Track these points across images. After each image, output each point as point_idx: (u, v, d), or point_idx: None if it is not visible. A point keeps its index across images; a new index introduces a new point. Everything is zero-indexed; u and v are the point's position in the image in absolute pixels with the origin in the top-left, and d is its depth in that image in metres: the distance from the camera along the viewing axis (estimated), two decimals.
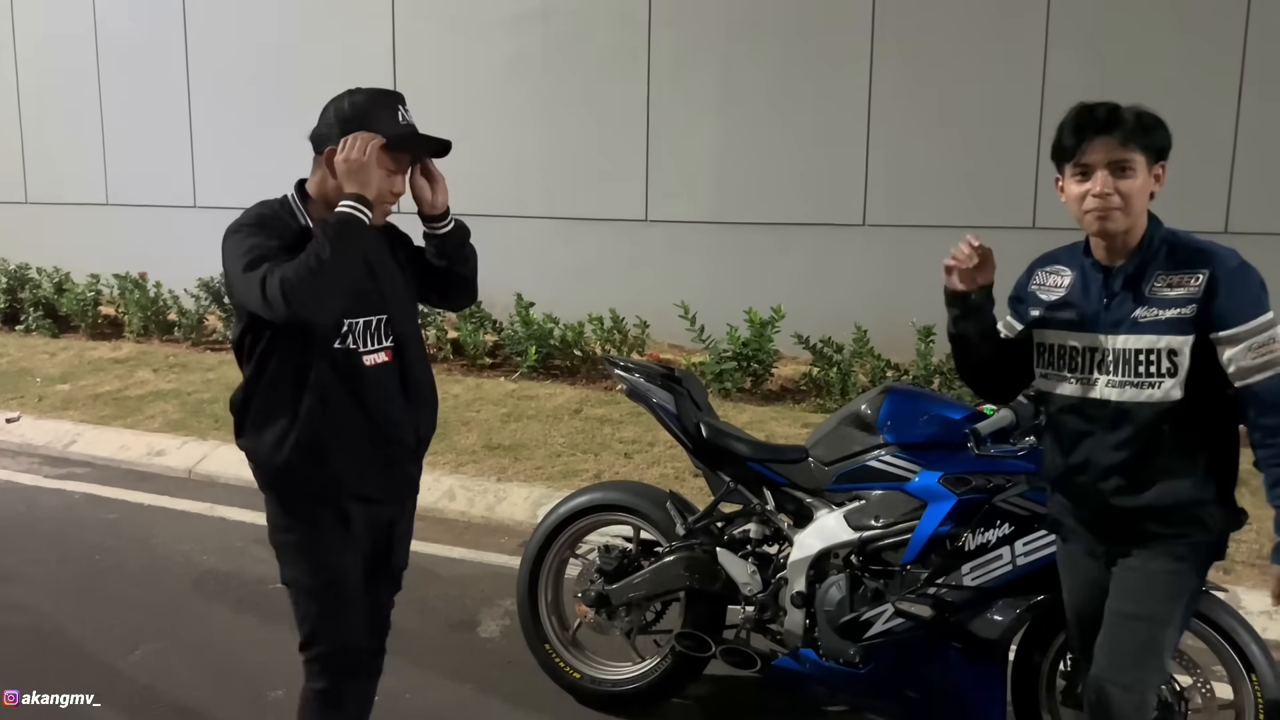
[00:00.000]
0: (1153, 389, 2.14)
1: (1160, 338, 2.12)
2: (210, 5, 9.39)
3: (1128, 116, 2.17)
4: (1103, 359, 2.19)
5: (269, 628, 3.84)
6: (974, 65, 7.04)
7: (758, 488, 3.10)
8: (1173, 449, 2.16)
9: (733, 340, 6.65)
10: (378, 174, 2.18)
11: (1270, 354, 2.08)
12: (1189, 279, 2.12)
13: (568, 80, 8.22)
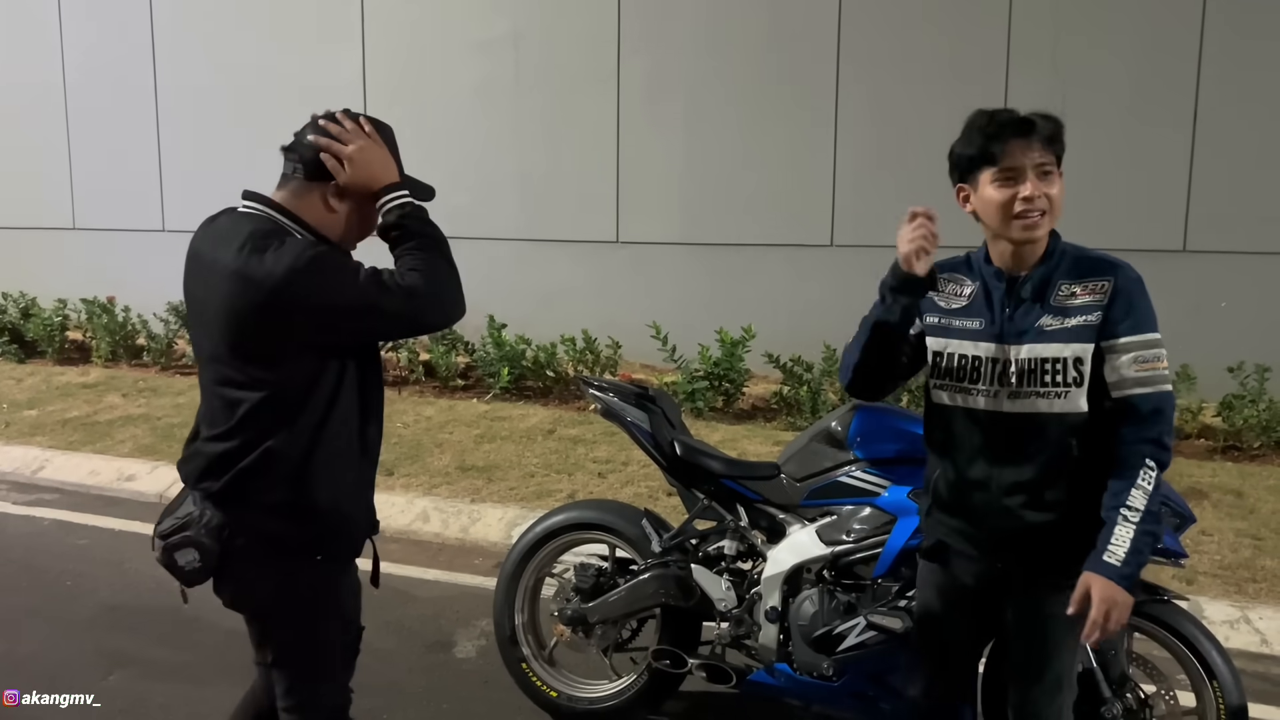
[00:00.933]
0: (1059, 399, 2.10)
1: (1066, 346, 2.09)
2: (179, 26, 9.39)
3: (1041, 121, 2.17)
4: (1005, 370, 2.13)
5: (241, 650, 3.81)
6: (937, 87, 7.18)
7: (731, 504, 3.14)
8: (1078, 463, 2.12)
9: (704, 360, 6.71)
10: (369, 219, 2.16)
11: (1153, 371, 2.08)
12: (1095, 286, 2.11)
13: (538, 103, 8.29)
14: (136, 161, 9.45)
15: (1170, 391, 2.11)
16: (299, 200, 2.08)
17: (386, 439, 6.37)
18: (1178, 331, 6.61)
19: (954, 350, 2.21)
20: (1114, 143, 6.89)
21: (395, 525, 5.27)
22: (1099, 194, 6.96)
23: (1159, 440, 2.06)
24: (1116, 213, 6.93)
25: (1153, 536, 2.03)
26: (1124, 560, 1.99)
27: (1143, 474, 2.03)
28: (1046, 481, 2.13)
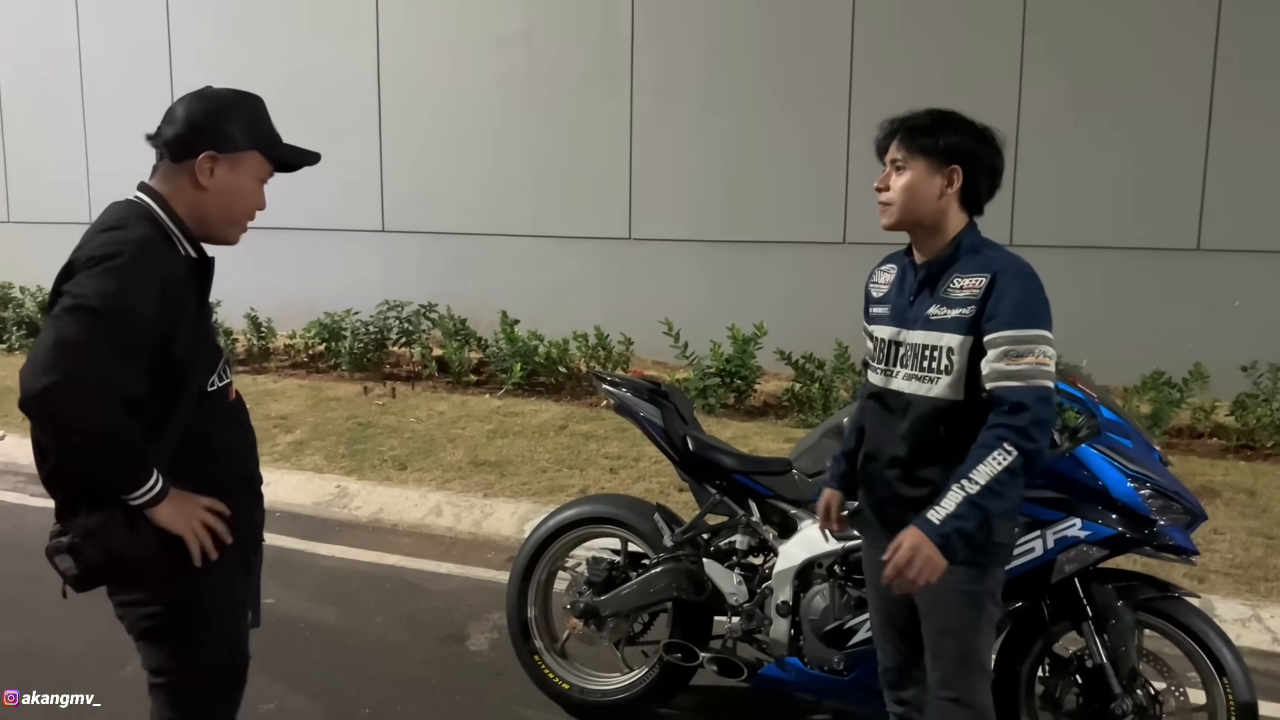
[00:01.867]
0: (930, 384, 2.23)
1: (943, 335, 2.21)
2: (194, 25, 9.44)
3: (914, 121, 2.33)
4: (899, 352, 2.30)
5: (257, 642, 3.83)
6: (951, 86, 7.17)
7: (743, 500, 3.16)
8: (945, 446, 2.21)
9: (716, 356, 6.72)
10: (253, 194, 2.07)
11: (1025, 366, 2.13)
12: (975, 281, 2.20)
13: (551, 100, 8.31)
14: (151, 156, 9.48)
15: (1041, 387, 2.13)
16: (169, 185, 1.99)
17: (399, 433, 6.46)
18: (1191, 330, 6.65)
19: (874, 333, 2.40)
20: (1128, 142, 6.88)
21: (408, 519, 5.31)
22: (1113, 194, 6.96)
23: (1020, 429, 2.10)
24: (1130, 212, 6.93)
25: (980, 509, 2.08)
26: (943, 520, 2.09)
27: (995, 454, 2.09)
28: (916, 459, 2.27)
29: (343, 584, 4.49)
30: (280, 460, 6.04)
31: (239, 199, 2.04)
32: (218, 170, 1.98)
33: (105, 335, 1.76)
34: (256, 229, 2.17)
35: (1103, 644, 2.67)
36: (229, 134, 1.99)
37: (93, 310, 1.76)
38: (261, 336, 8.27)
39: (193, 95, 2.03)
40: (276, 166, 2.10)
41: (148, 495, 1.86)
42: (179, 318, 1.89)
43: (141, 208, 1.97)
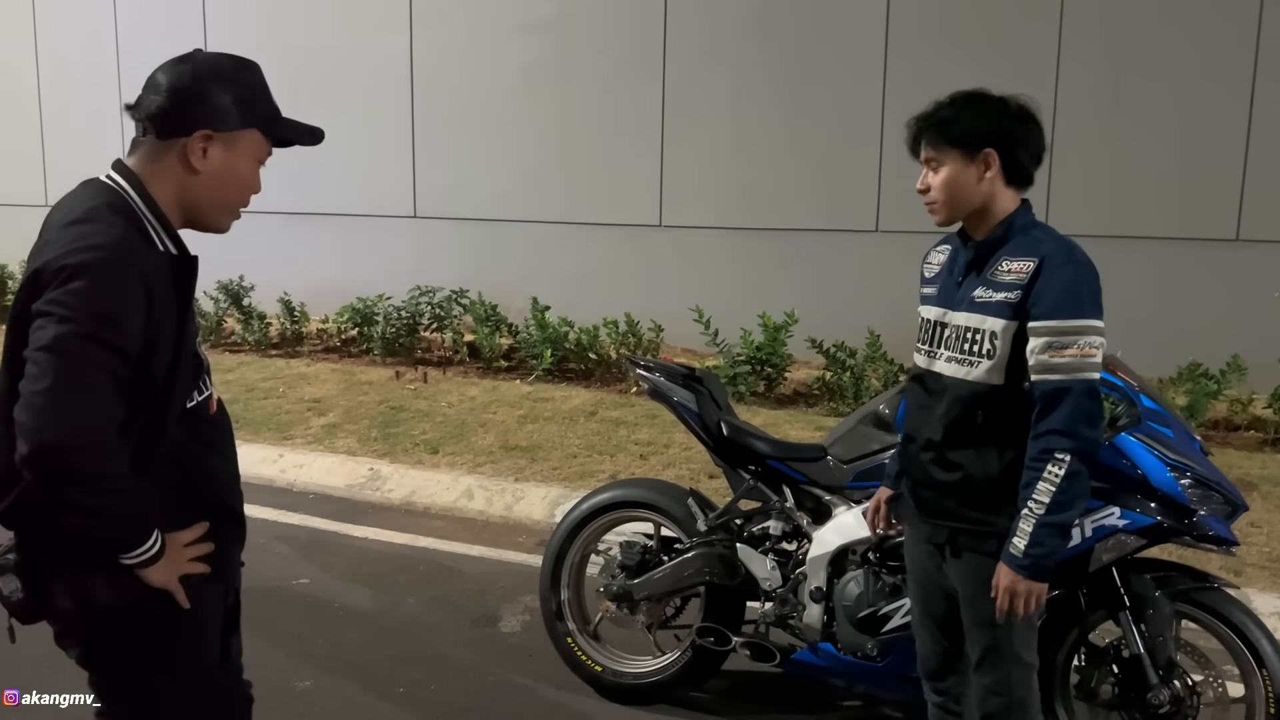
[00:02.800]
0: (971, 368, 2.19)
1: (987, 319, 2.17)
2: (229, 14, 9.51)
3: (936, 116, 2.30)
4: (944, 333, 2.27)
5: (293, 621, 3.92)
6: (987, 71, 7.08)
7: (777, 485, 3.17)
8: (982, 432, 2.20)
9: (746, 344, 6.72)
10: (250, 177, 1.82)
11: (1067, 358, 2.08)
12: (1023, 265, 2.15)
13: (583, 87, 8.31)
14: None
15: (1084, 380, 2.09)
16: (152, 166, 1.74)
17: (431, 418, 6.50)
18: (1229, 321, 6.57)
19: (922, 314, 2.38)
20: (1167, 130, 6.79)
21: (440, 502, 5.35)
22: (1151, 181, 6.87)
23: (1062, 430, 2.08)
24: (1168, 201, 6.84)
25: (1054, 527, 2.09)
26: (1024, 551, 2.10)
27: (1049, 468, 2.08)
28: (950, 443, 2.25)
29: (376, 565, 4.53)
30: (314, 443, 6.10)
31: (234, 184, 1.79)
32: (212, 151, 1.73)
33: (104, 364, 1.57)
34: (291, 214, 2.06)
35: (1140, 634, 2.65)
36: (227, 109, 1.73)
37: (86, 337, 1.55)
38: (295, 321, 8.34)
39: (181, 59, 1.75)
40: (275, 144, 1.84)
41: (144, 556, 1.68)
42: (160, 327, 1.66)
43: (114, 194, 1.71)
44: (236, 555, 1.94)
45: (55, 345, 1.54)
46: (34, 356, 1.56)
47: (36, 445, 1.54)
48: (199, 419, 1.83)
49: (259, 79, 1.81)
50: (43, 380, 1.54)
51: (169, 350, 1.69)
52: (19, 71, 10.57)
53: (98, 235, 1.61)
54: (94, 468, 1.59)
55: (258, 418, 6.47)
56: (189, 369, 1.77)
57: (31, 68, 10.55)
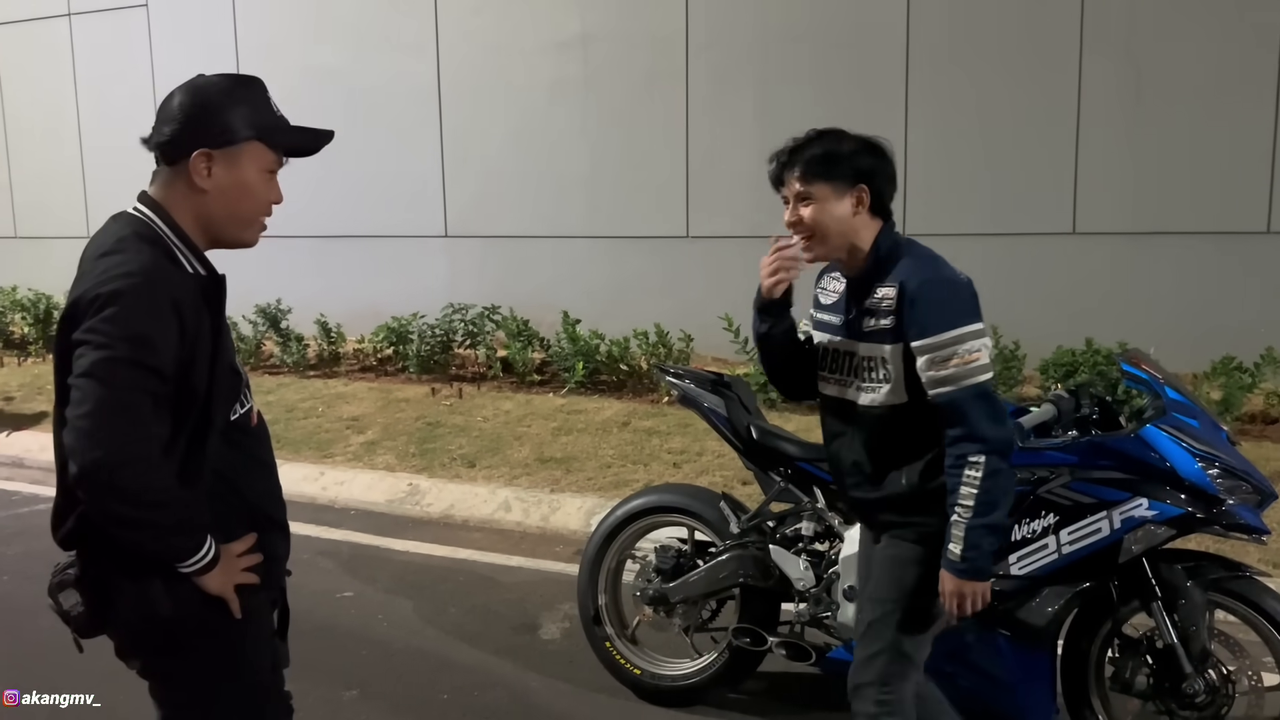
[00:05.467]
0: (876, 393, 2.30)
1: (875, 346, 2.29)
2: (261, 41, 9.72)
3: (809, 151, 2.33)
4: (853, 362, 2.35)
5: (338, 633, 4.01)
6: (1009, 72, 7.13)
7: (808, 487, 3.21)
8: (900, 449, 2.32)
9: None
10: (261, 188, 1.86)
11: (952, 369, 2.18)
12: (889, 291, 2.26)
13: (608, 102, 8.41)
14: None
15: (973, 386, 2.18)
16: (168, 192, 1.82)
17: (467, 432, 6.58)
18: (1262, 314, 6.51)
19: (824, 343, 2.45)
20: (1192, 124, 6.76)
21: (478, 515, 5.44)
22: (1178, 176, 6.85)
23: (968, 435, 2.18)
24: (1197, 195, 6.81)
25: (984, 526, 2.19)
26: (960, 555, 2.21)
27: (965, 472, 2.18)
28: (877, 465, 2.35)
29: (418, 577, 4.62)
30: (353, 460, 6.22)
31: (245, 196, 1.84)
32: (215, 168, 1.79)
33: (143, 385, 1.65)
34: (325, 238, 2.13)
35: (1173, 624, 2.67)
36: (223, 126, 1.79)
37: (123, 361, 1.63)
38: (331, 341, 8.49)
39: (182, 87, 1.82)
40: (286, 153, 1.89)
41: (201, 563, 1.76)
42: (195, 345, 1.73)
43: (141, 223, 1.79)
44: (283, 564, 2.01)
45: (94, 371, 1.63)
46: (75, 383, 1.65)
47: (83, 466, 1.63)
48: (241, 432, 1.90)
49: (258, 93, 1.86)
50: (84, 405, 1.63)
51: (205, 366, 1.76)
52: (60, 106, 10.84)
53: (127, 264, 1.69)
54: (137, 484, 1.66)
55: (298, 437, 6.60)
56: (227, 384, 1.84)
57: (71, 101, 10.82)
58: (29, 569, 4.41)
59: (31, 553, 4.75)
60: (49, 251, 10.17)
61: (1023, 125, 7.13)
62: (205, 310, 1.77)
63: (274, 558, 1.95)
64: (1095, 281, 7.02)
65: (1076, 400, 2.89)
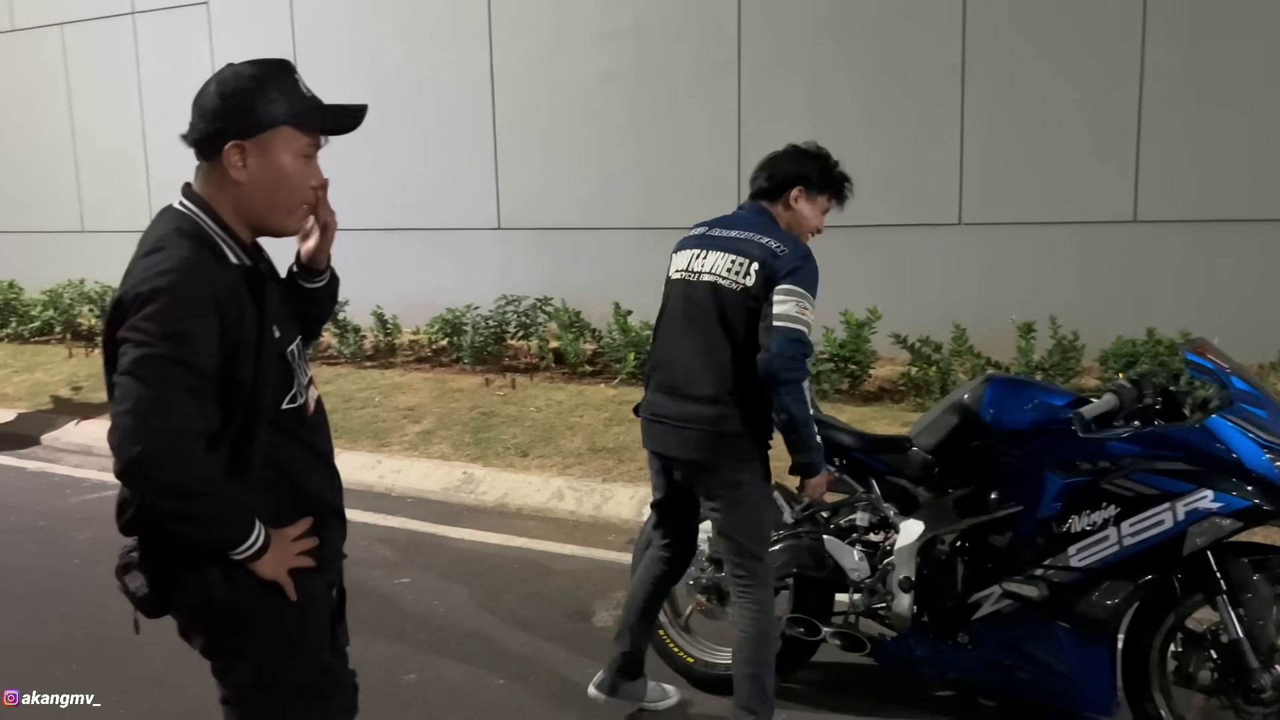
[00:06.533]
0: None
1: None
2: (317, 37, 9.86)
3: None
4: None
5: (396, 619, 4.08)
6: (1069, 57, 7.00)
7: (863, 477, 3.20)
8: None
9: (829, 342, 6.72)
10: (298, 173, 1.86)
11: None
12: None
13: (659, 93, 8.41)
14: None
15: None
16: (208, 186, 1.83)
17: (520, 422, 6.62)
18: None
19: None
20: (1258, 108, 6.58)
21: (532, 504, 5.49)
22: (1241, 162, 6.67)
23: None
24: (1260, 181, 6.63)
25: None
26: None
27: None
28: None
29: (473, 564, 4.68)
30: (410, 449, 6.30)
31: (282, 184, 1.83)
32: (249, 159, 1.79)
33: (181, 381, 1.68)
34: (381, 230, 2.16)
35: (1238, 618, 2.62)
36: (249, 115, 1.79)
37: (161, 358, 1.67)
38: (388, 333, 8.60)
39: (212, 79, 1.84)
40: (322, 132, 1.88)
41: (251, 550, 1.79)
42: (239, 337, 1.75)
43: (185, 218, 1.82)
44: (339, 549, 2.04)
45: (134, 368, 1.67)
46: (118, 380, 1.69)
47: (124, 461, 1.67)
48: (298, 421, 1.91)
49: (284, 77, 1.85)
50: (125, 401, 1.67)
51: (251, 357, 1.77)
52: (124, 103, 11.09)
53: (167, 261, 1.72)
54: (176, 478, 1.70)
55: (356, 426, 6.71)
56: (275, 374, 1.85)
57: (135, 98, 11.07)
58: (97, 554, 4.53)
59: (100, 539, 4.88)
60: (114, 245, 10.40)
61: (1082, 111, 6.99)
62: (249, 301, 1.79)
63: (331, 543, 1.98)
64: (1157, 270, 6.87)
65: (1139, 390, 2.85)
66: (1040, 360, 6.14)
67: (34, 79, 11.62)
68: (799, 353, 2.70)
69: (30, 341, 10.18)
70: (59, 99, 11.55)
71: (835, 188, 3.05)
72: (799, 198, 2.98)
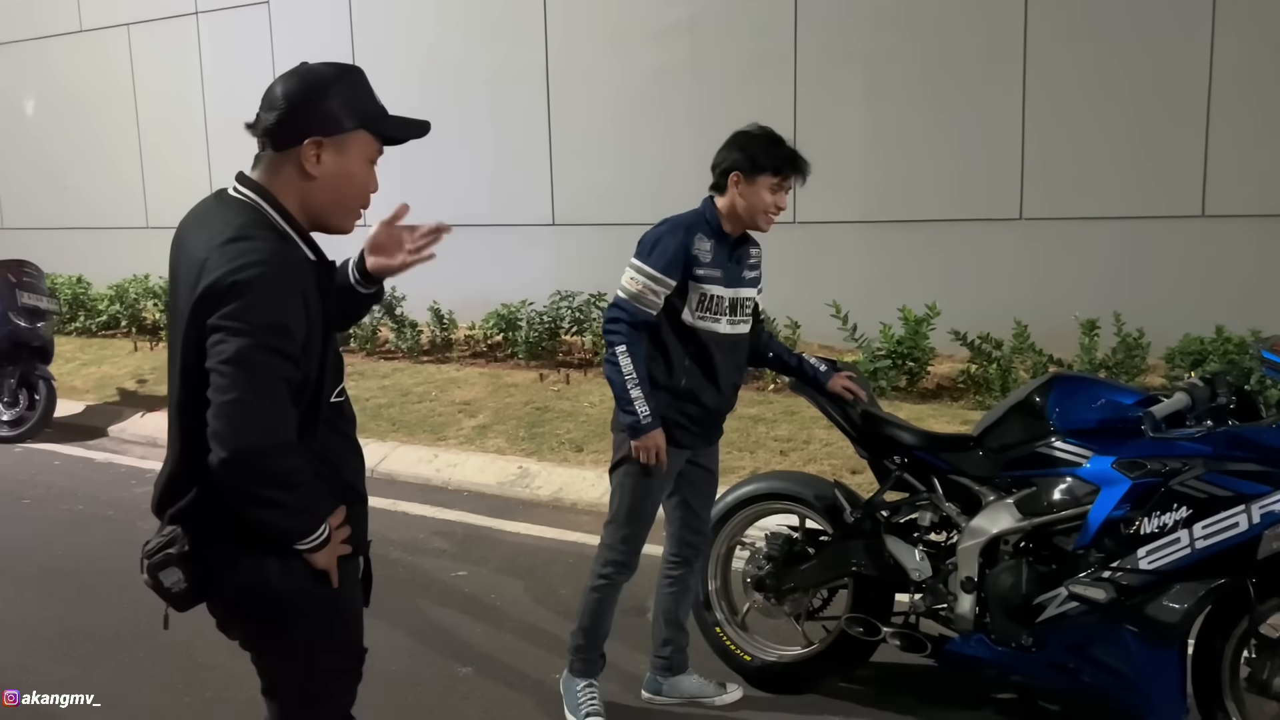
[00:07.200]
0: (746, 325, 3.15)
1: (751, 290, 3.16)
2: (374, 27, 9.96)
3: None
4: (737, 306, 3.09)
5: (452, 612, 4.12)
6: (1136, 48, 6.83)
7: (925, 476, 3.16)
8: None
9: (886, 338, 6.64)
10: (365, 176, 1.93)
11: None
12: (757, 252, 3.24)
13: (715, 88, 8.36)
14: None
15: None
16: (274, 177, 1.86)
17: (575, 417, 6.64)
18: None
19: (709, 292, 3.03)
20: None
21: (586, 498, 5.50)
22: None
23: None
24: None
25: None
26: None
27: None
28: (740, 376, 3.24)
29: (528, 558, 4.71)
30: (465, 443, 6.35)
31: (350, 184, 1.90)
32: (325, 156, 1.84)
33: (281, 372, 1.73)
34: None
35: None
36: (332, 114, 1.83)
37: (264, 349, 1.70)
38: (444, 328, 8.69)
39: (288, 75, 1.87)
40: (384, 142, 1.94)
41: (317, 540, 1.84)
42: (312, 330, 1.80)
43: (253, 209, 1.84)
44: (365, 534, 2.08)
45: (237, 358, 1.69)
46: (219, 369, 1.70)
47: (232, 451, 1.70)
48: (337, 413, 1.96)
49: (362, 82, 1.90)
50: (230, 391, 1.69)
51: (318, 351, 1.83)
52: (187, 101, 11.31)
53: (256, 251, 1.74)
54: (280, 467, 1.74)
55: (413, 420, 6.78)
56: (334, 367, 1.92)
57: (198, 96, 11.28)
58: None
59: None
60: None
61: (1149, 102, 6.83)
62: (318, 295, 1.83)
63: (359, 529, 2.03)
64: (1225, 267, 6.69)
65: (1212, 389, 2.77)
66: (1104, 358, 6.02)
67: (102, 78, 11.91)
68: (612, 316, 3.03)
69: (98, 335, 10.45)
70: (125, 98, 11.83)
71: (775, 165, 2.99)
72: (738, 182, 3.03)
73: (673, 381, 3.04)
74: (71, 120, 12.24)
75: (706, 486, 3.26)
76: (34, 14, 12.39)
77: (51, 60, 12.40)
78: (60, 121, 12.41)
